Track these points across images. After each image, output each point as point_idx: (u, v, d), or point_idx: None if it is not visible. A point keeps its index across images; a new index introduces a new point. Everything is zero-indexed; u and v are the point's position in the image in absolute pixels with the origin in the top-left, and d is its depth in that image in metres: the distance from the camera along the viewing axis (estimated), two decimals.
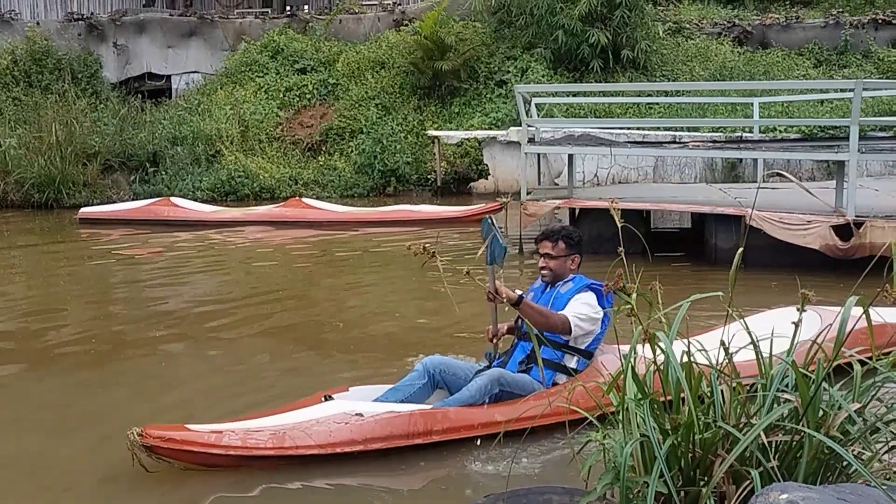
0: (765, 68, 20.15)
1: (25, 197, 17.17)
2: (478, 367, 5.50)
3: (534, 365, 5.34)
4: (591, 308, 5.35)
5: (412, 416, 4.97)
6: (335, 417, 4.91)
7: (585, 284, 5.46)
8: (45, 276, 11.50)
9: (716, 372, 3.36)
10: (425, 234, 13.05)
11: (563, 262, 5.54)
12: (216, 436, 4.73)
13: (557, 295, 5.48)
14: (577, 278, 5.53)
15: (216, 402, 6.06)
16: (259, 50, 21.38)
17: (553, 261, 5.54)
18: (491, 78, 20.28)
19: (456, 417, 5.04)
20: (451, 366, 5.49)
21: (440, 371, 5.43)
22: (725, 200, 10.20)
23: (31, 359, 7.50)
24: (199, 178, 18.12)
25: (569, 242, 5.56)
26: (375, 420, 4.90)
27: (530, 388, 5.26)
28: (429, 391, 5.40)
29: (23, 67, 20.75)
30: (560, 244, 5.55)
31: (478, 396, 5.11)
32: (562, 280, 5.55)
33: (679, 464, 3.24)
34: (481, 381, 5.16)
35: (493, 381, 5.17)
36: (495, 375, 5.20)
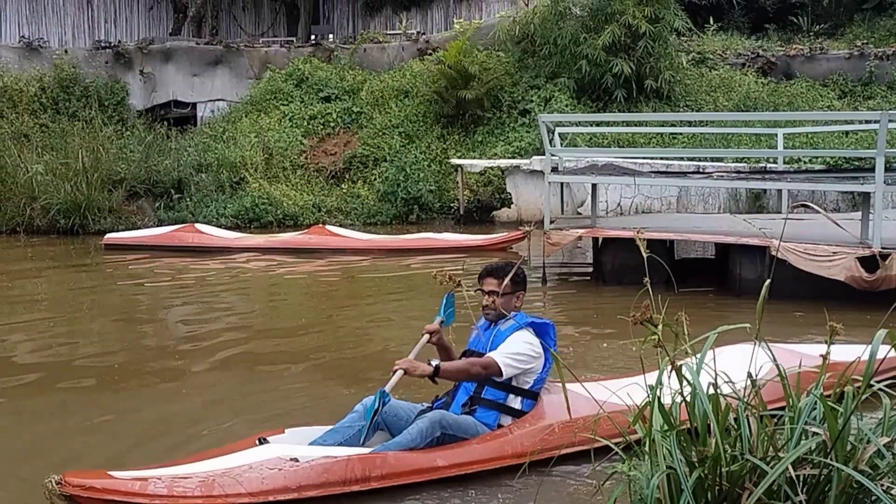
0: (789, 99, 20.10)
1: (51, 222, 17.29)
2: (420, 408, 5.30)
3: (478, 406, 5.20)
4: (527, 346, 5.16)
5: (350, 462, 4.72)
6: (269, 463, 4.64)
7: (525, 323, 5.26)
8: (67, 302, 11.54)
9: (743, 404, 3.34)
10: (448, 263, 13.05)
11: (509, 300, 5.34)
12: (140, 483, 4.42)
13: (498, 333, 5.30)
14: (519, 315, 5.33)
15: (188, 438, 5.84)
16: (284, 78, 21.53)
17: (499, 298, 5.32)
18: (514, 107, 20.33)
19: (396, 462, 4.81)
20: (393, 406, 5.24)
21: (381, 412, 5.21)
22: (750, 231, 10.15)
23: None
24: (223, 204, 18.21)
25: (514, 279, 5.28)
26: (311, 466, 4.64)
27: (474, 430, 5.10)
28: (369, 433, 5.17)
29: (51, 94, 20.97)
30: (506, 281, 5.28)
31: (419, 440, 4.93)
32: (504, 318, 5.34)
33: (706, 496, 3.21)
34: (422, 424, 4.98)
35: (435, 424, 4.98)
36: (436, 418, 5.01)
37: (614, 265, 11.46)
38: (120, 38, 24.42)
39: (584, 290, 11.72)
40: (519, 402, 5.24)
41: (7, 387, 7.38)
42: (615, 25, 19.30)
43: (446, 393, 5.42)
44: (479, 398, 5.22)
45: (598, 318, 9.80)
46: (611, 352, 7.80)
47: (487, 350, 5.24)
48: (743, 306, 9.68)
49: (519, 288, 5.41)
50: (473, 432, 5.09)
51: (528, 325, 5.24)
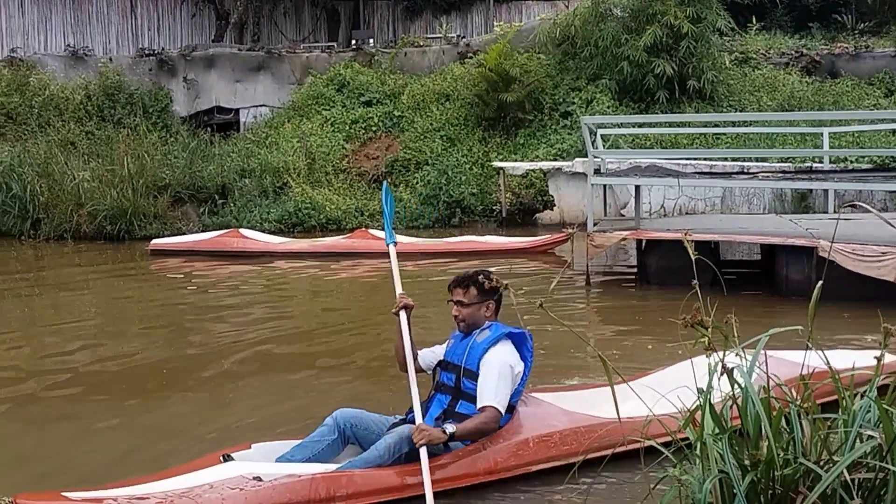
0: (834, 98, 19.88)
1: (98, 228, 17.46)
2: (393, 420, 5.19)
3: (451, 420, 5.00)
4: (508, 368, 5.02)
5: (314, 481, 4.55)
6: (230, 482, 4.47)
7: (503, 333, 5.13)
8: (112, 307, 11.67)
9: (796, 408, 3.30)
10: (491, 265, 13.03)
11: (477, 310, 5.20)
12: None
13: (474, 344, 5.13)
14: (495, 326, 5.20)
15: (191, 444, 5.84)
16: (325, 83, 21.63)
17: (465, 308, 5.21)
18: (556, 109, 20.28)
19: (362, 481, 4.64)
20: (364, 420, 5.14)
21: (351, 426, 5.10)
22: (796, 231, 10.05)
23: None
24: (266, 209, 18.31)
25: (481, 289, 5.19)
26: (273, 486, 4.47)
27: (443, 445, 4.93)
28: (339, 448, 5.07)
29: (96, 102, 21.21)
30: (472, 291, 5.21)
31: (386, 456, 4.77)
32: (478, 328, 5.21)
33: (759, 500, 3.19)
34: (390, 439, 4.82)
35: (403, 439, 4.80)
36: (405, 434, 4.82)
37: (658, 267, 11.39)
38: (163, 45, 24.65)
39: (629, 293, 11.66)
40: None
41: (19, 394, 7.44)
42: (657, 26, 19.19)
43: (421, 405, 5.17)
44: (453, 412, 5.05)
45: (643, 321, 9.76)
46: (655, 354, 7.75)
47: (464, 362, 5.09)
48: (790, 308, 9.60)
49: (486, 297, 5.23)
50: (443, 448, 4.92)
51: (505, 337, 5.12)
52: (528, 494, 4.87)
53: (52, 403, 7.18)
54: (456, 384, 5.11)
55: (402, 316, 5.32)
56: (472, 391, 5.03)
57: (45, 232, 17.59)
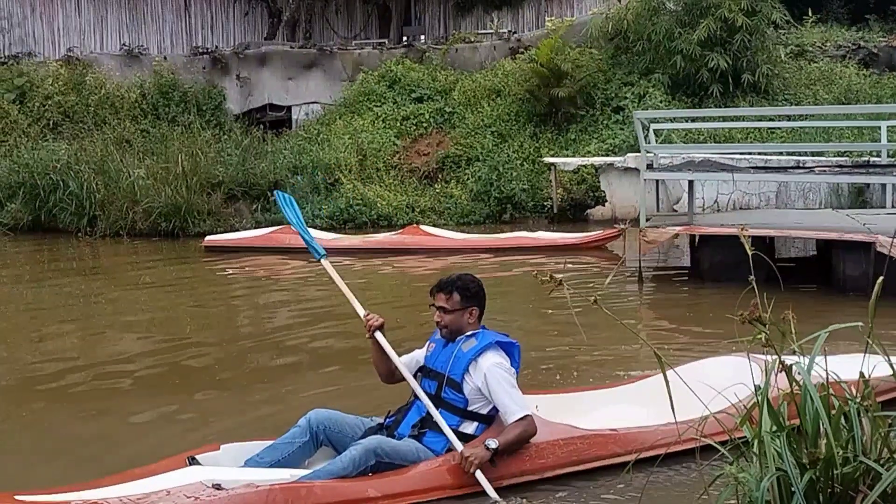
0: (893, 91, 19.55)
1: (153, 225, 17.66)
2: (370, 424, 5.00)
3: (427, 430, 4.85)
4: (510, 375, 4.89)
5: (271, 493, 4.33)
6: (188, 489, 4.29)
7: (490, 342, 4.94)
8: (166, 304, 11.80)
9: (855, 405, 3.25)
10: (544, 261, 13.00)
11: (460, 317, 4.99)
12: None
13: (459, 353, 4.93)
14: (481, 334, 5.00)
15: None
16: (377, 80, 21.69)
17: (447, 315, 4.99)
18: (607, 104, 20.16)
19: (322, 493, 4.42)
20: (338, 422, 4.94)
21: (325, 428, 4.90)
22: (853, 227, 9.88)
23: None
24: (318, 206, 18.41)
25: (465, 294, 5.00)
26: (229, 496, 4.26)
27: (415, 457, 4.74)
28: (311, 450, 4.89)
29: (151, 100, 21.48)
30: (455, 296, 4.99)
31: (350, 468, 4.57)
32: (463, 335, 5.00)
33: (818, 499, 3.14)
34: (355, 451, 4.62)
35: (369, 452, 4.62)
36: (371, 446, 4.65)
37: (712, 263, 11.27)
38: (217, 43, 24.88)
39: (681, 289, 11.56)
40: (473, 427, 4.89)
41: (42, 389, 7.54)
42: (711, 19, 18.98)
43: (399, 409, 5.07)
44: (431, 421, 4.85)
45: (696, 316, 9.68)
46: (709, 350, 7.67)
47: (448, 370, 4.92)
48: (848, 304, 9.44)
49: (470, 303, 5.02)
50: (414, 459, 4.73)
51: (494, 345, 4.95)
52: (581, 491, 4.83)
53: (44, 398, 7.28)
54: (437, 392, 4.93)
55: (378, 337, 5.06)
56: (454, 401, 4.88)
57: (101, 229, 17.84)
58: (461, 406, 4.87)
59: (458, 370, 4.89)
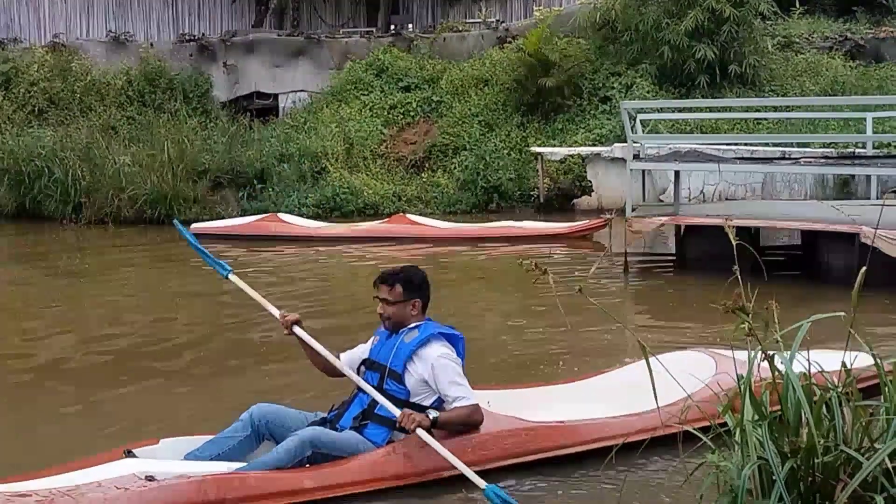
0: (879, 83, 19.60)
1: (139, 213, 17.61)
2: (313, 418, 4.94)
3: (369, 422, 4.80)
4: (457, 365, 4.86)
5: (203, 483, 4.25)
6: (119, 481, 4.20)
7: (433, 333, 4.92)
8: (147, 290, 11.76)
9: (837, 395, 3.26)
10: (530, 251, 13.01)
11: (402, 308, 4.96)
12: None
13: (401, 344, 4.91)
14: (424, 326, 4.97)
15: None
16: (364, 68, 21.63)
17: (390, 307, 4.96)
18: (595, 94, 20.16)
19: (256, 484, 4.36)
20: (281, 416, 4.88)
21: (267, 422, 4.83)
22: (838, 218, 9.90)
23: None
24: (304, 194, 18.37)
25: (407, 286, 4.97)
26: (159, 487, 4.20)
27: (354, 448, 4.69)
28: (253, 444, 4.82)
29: (137, 87, 21.38)
30: (397, 288, 4.96)
31: (286, 460, 4.53)
32: (406, 327, 4.97)
33: (799, 488, 3.15)
34: (291, 443, 4.58)
35: (305, 443, 4.58)
36: (307, 437, 4.61)
37: (698, 253, 11.32)
38: (204, 31, 24.76)
39: (667, 279, 11.60)
40: None
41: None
42: (698, 10, 18.99)
43: (343, 403, 5.01)
44: (372, 413, 4.81)
45: (681, 306, 9.72)
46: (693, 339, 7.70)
47: (389, 362, 4.89)
48: (832, 295, 9.46)
49: (413, 295, 5.00)
50: (353, 450, 4.68)
51: (437, 335, 4.93)
52: (562, 481, 4.83)
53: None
54: (379, 384, 4.88)
55: (297, 332, 5.05)
56: (396, 393, 4.83)
57: (87, 216, 17.78)
58: (403, 398, 4.81)
59: (400, 361, 4.87)
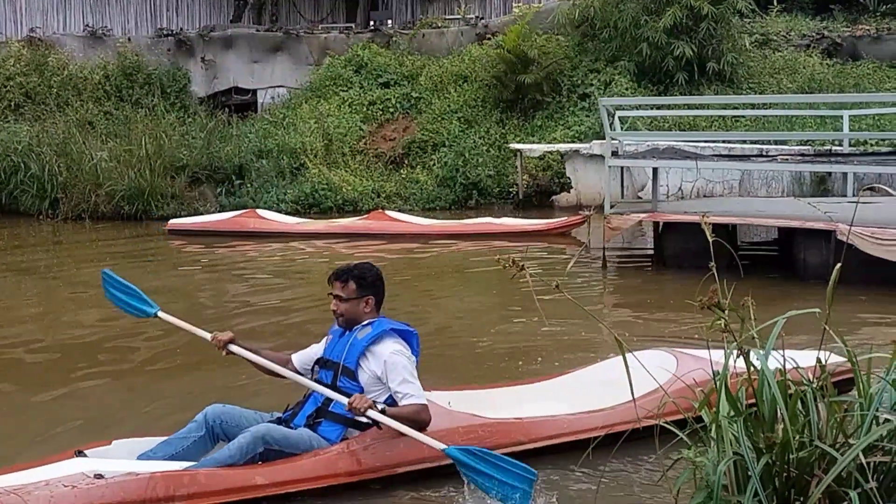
0: (855, 81, 19.74)
1: (116, 208, 17.52)
2: (268, 418, 4.92)
3: (323, 420, 4.81)
4: (408, 360, 4.84)
5: (152, 480, 4.24)
6: (67, 479, 4.17)
7: (385, 329, 4.89)
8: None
9: (812, 391, 3.28)
10: (508, 247, 13.03)
11: (355, 305, 4.95)
12: None
13: (354, 341, 4.89)
14: (378, 322, 4.94)
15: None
16: (343, 64, 21.59)
17: (343, 303, 4.94)
18: (574, 91, 20.20)
19: (206, 481, 4.33)
20: (235, 416, 4.85)
21: (221, 422, 4.80)
22: (815, 215, 9.96)
23: None
24: (283, 190, 18.33)
25: (360, 283, 4.96)
26: (107, 484, 4.16)
27: (307, 445, 4.69)
28: (207, 445, 4.78)
29: (114, 82, 21.24)
30: (350, 285, 4.95)
31: (238, 456, 4.52)
32: (359, 324, 4.95)
33: (774, 483, 3.17)
34: (243, 439, 4.56)
35: (257, 439, 4.57)
36: (259, 433, 4.60)
37: (675, 250, 11.36)
38: (182, 25, 24.65)
39: (645, 275, 11.65)
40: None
41: None
42: (677, 7, 19.04)
43: (298, 402, 5.01)
44: (326, 411, 4.82)
45: (659, 303, 9.76)
46: (671, 336, 7.74)
47: (342, 359, 4.88)
48: (809, 292, 9.52)
49: (366, 292, 4.98)
50: (307, 447, 4.68)
51: (390, 332, 4.90)
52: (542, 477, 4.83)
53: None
54: (332, 382, 4.87)
55: (233, 349, 5.01)
56: (349, 390, 4.79)
57: (64, 211, 17.67)
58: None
59: (353, 358, 4.85)
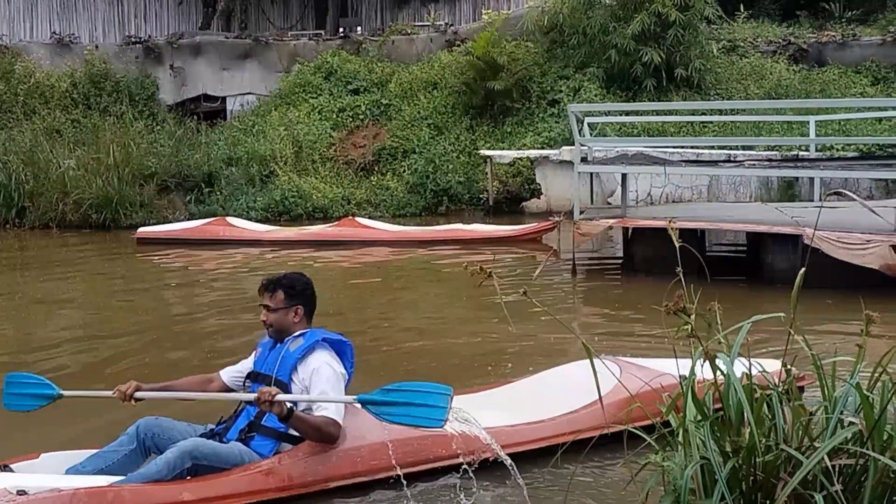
0: (821, 86, 19.94)
1: (84, 217, 17.40)
2: (202, 430, 4.79)
3: (255, 434, 4.68)
4: (336, 374, 4.69)
5: (75, 496, 4.09)
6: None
7: (317, 340, 4.77)
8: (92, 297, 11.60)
9: (778, 395, 3.31)
10: (478, 254, 13.04)
11: (284, 315, 4.83)
12: None
13: (286, 353, 4.77)
14: (310, 333, 4.82)
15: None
16: (313, 71, 21.57)
17: (272, 314, 4.83)
18: (543, 97, 20.27)
19: (131, 497, 4.20)
20: (167, 429, 4.71)
21: (153, 435, 4.67)
22: (782, 219, 10.04)
23: None
24: (253, 198, 18.28)
25: (289, 293, 4.84)
26: (29, 501, 4.02)
27: (237, 459, 4.54)
28: (138, 458, 4.63)
29: (82, 90, 21.13)
30: (279, 294, 4.84)
31: (165, 472, 4.36)
32: (290, 335, 4.84)
33: (740, 487, 3.19)
34: (170, 454, 4.42)
35: (184, 454, 4.42)
36: (187, 448, 4.45)
37: (644, 255, 11.40)
38: (150, 33, 24.53)
39: (614, 281, 11.68)
40: None
41: None
42: (645, 14, 19.18)
43: (231, 415, 4.87)
44: (259, 425, 4.69)
45: (628, 308, 9.78)
46: (639, 341, 7.77)
47: (275, 372, 4.74)
48: (776, 296, 9.56)
49: (295, 302, 4.86)
50: (237, 462, 4.53)
51: (321, 343, 4.78)
52: (509, 482, 4.82)
53: None
54: None
55: (140, 396, 4.74)
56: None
57: (30, 220, 17.57)
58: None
59: (286, 371, 4.73)
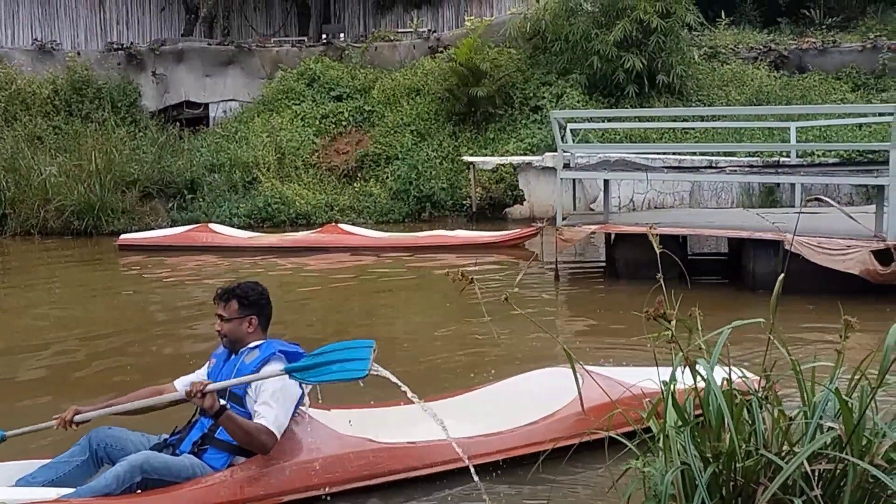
0: (802, 93, 20.04)
1: (65, 224, 17.34)
2: (156, 441, 4.72)
3: (209, 447, 4.61)
4: (282, 389, 4.57)
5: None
6: None
7: (273, 352, 4.67)
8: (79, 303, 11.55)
9: (758, 400, 3.32)
10: (461, 260, 13.05)
11: (238, 325, 4.77)
12: None
13: (241, 366, 4.70)
14: (266, 345, 4.75)
15: None
16: (295, 78, 21.57)
17: (226, 324, 4.77)
18: (526, 104, 20.31)
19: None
20: (120, 440, 4.64)
21: (105, 446, 4.61)
22: (763, 225, 10.09)
23: None
24: (236, 204, 18.25)
25: (242, 302, 4.78)
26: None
27: (189, 473, 4.47)
28: (91, 469, 4.58)
29: (63, 97, 21.05)
30: (232, 304, 4.78)
31: (114, 486, 4.28)
32: (245, 345, 4.79)
33: (721, 492, 3.21)
34: (119, 468, 4.34)
35: (135, 468, 4.34)
36: (138, 461, 4.37)
37: (627, 261, 11.43)
38: (132, 39, 24.47)
39: (597, 287, 11.70)
40: None
41: None
42: (626, 21, 19.26)
43: (185, 426, 4.79)
44: (213, 437, 4.62)
45: (610, 314, 9.80)
46: (621, 347, 7.78)
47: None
48: (757, 301, 9.66)
49: (249, 312, 4.80)
50: (188, 475, 4.46)
51: (277, 355, 4.66)
52: (491, 490, 4.84)
53: None
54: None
55: (81, 418, 4.64)
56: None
57: (11, 227, 17.50)
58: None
59: (244, 384, 4.64)
